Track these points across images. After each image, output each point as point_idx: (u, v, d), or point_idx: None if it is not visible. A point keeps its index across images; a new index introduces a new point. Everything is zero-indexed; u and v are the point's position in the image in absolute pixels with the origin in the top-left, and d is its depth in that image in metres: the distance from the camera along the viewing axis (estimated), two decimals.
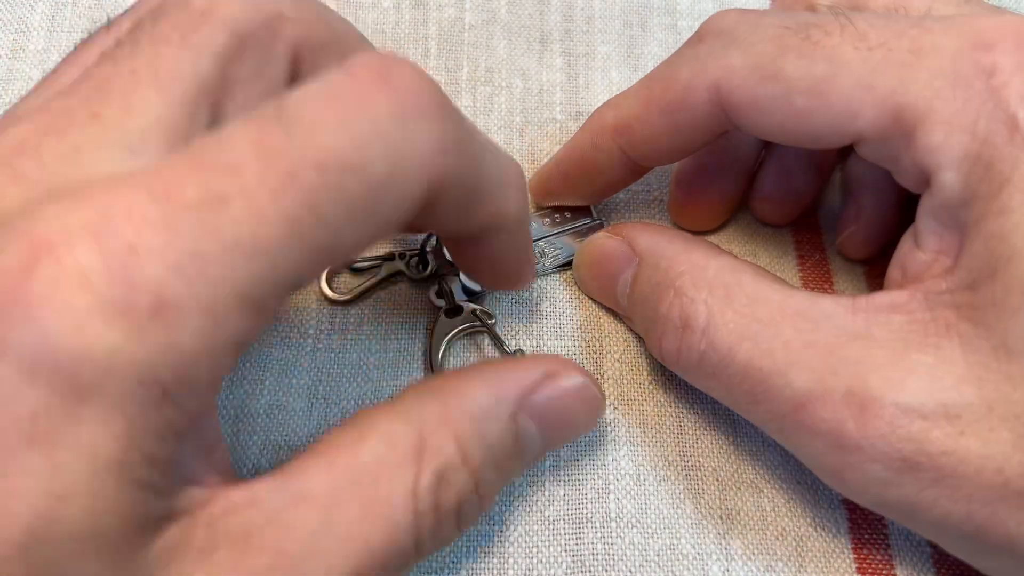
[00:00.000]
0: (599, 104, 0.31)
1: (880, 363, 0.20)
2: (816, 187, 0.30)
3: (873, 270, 0.30)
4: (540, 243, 0.29)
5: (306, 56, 0.20)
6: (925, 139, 0.20)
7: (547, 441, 0.22)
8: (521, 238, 0.23)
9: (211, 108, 0.18)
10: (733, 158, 0.29)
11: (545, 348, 0.28)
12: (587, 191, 0.29)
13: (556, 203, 0.30)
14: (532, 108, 0.32)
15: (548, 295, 0.29)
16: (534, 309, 0.28)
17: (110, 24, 0.20)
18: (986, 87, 0.20)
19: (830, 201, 0.31)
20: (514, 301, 0.28)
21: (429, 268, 0.28)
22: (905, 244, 0.22)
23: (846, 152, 0.30)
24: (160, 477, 0.16)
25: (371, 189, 0.16)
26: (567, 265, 0.29)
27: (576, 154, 0.28)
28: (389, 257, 0.29)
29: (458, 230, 0.21)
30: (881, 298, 0.21)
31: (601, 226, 0.29)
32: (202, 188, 0.15)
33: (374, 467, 0.18)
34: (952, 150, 0.20)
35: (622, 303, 0.26)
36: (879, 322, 0.21)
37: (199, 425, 0.17)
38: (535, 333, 0.28)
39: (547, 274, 0.29)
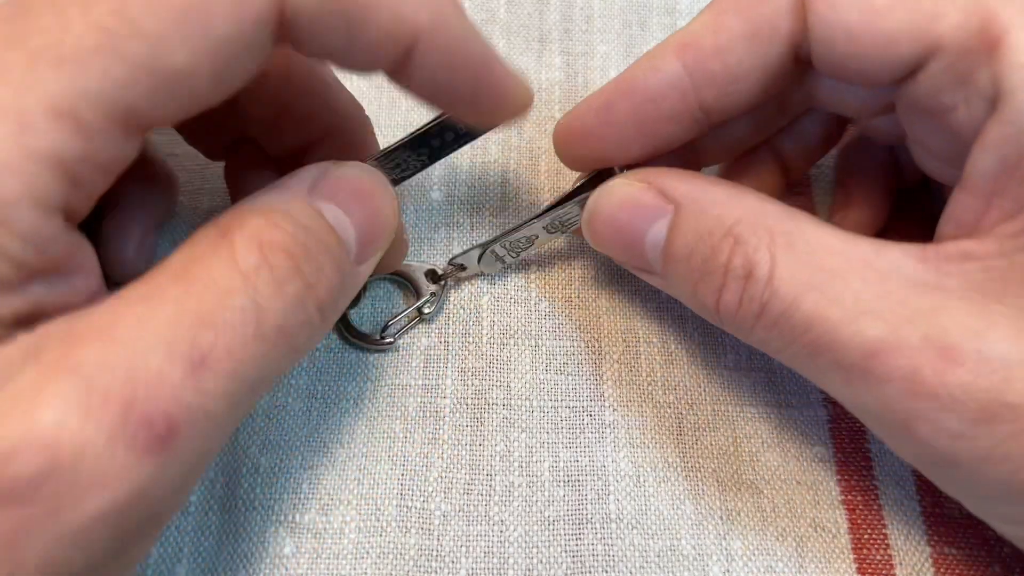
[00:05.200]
0: None
1: (958, 313, 0.19)
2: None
3: None
4: (534, 223, 0.26)
5: None
6: (1010, 53, 0.19)
7: (361, 227, 0.21)
8: (468, 40, 0.19)
9: None
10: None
11: (544, 348, 0.28)
12: (630, 134, 0.24)
13: (583, 152, 0.25)
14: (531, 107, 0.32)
15: (548, 295, 0.29)
16: (532, 309, 0.28)
17: None
18: None
19: (826, 197, 0.31)
20: (512, 300, 0.28)
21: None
22: (955, 197, 0.21)
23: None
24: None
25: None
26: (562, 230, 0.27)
27: (627, 82, 0.23)
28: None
29: (370, 55, 0.19)
30: (950, 247, 0.20)
31: None
32: (6, 5, 0.15)
33: (188, 261, 0.18)
34: None
35: (652, 258, 0.24)
36: (951, 272, 0.20)
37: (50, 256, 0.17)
38: (534, 333, 0.28)
39: (548, 242, 0.27)
